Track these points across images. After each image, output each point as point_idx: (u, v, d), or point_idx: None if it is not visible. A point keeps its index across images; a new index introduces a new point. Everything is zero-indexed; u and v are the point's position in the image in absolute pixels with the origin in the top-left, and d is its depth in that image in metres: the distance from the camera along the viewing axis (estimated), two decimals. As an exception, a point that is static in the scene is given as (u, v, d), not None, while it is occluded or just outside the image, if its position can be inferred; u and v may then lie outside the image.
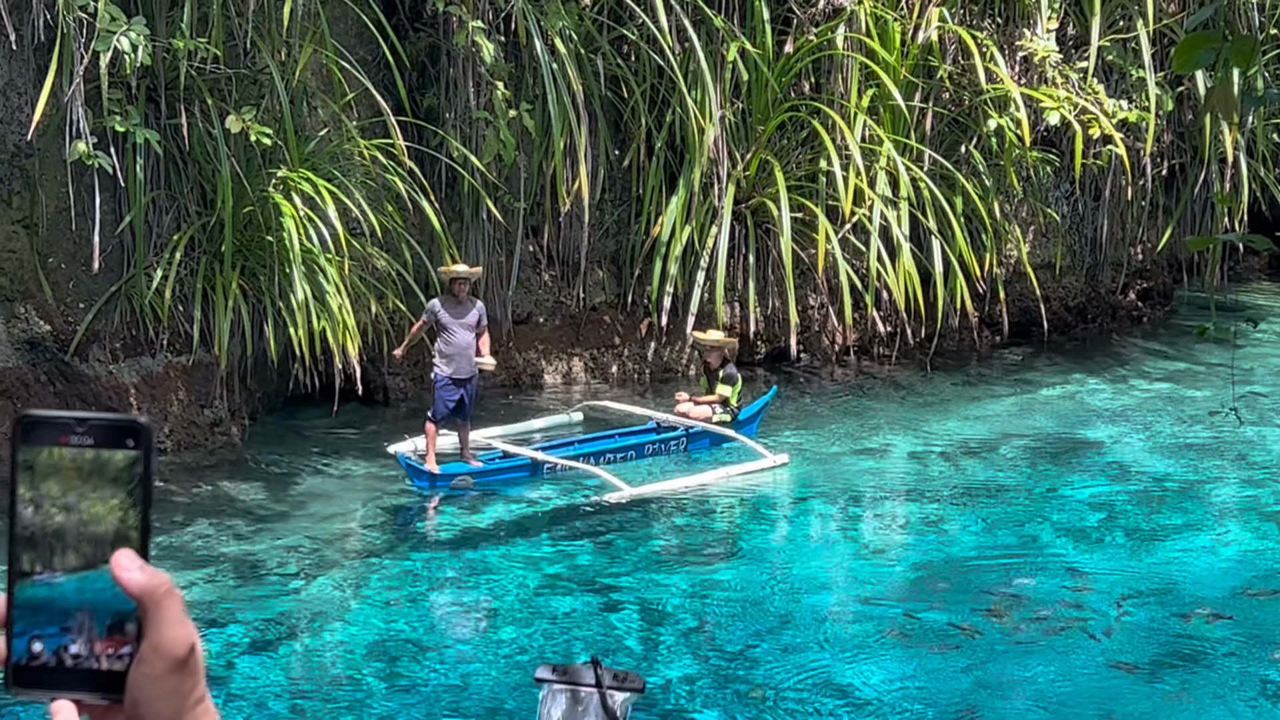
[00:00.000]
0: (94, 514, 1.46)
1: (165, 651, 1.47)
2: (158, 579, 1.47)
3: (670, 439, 19.28)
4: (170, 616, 1.48)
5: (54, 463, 1.46)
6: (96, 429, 1.47)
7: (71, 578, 1.46)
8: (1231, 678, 12.91)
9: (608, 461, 18.49)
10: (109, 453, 1.47)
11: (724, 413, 19.43)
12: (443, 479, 17.46)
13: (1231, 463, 19.34)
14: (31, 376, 17.76)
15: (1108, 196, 25.87)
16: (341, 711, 12.08)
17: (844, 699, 12.31)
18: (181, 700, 1.49)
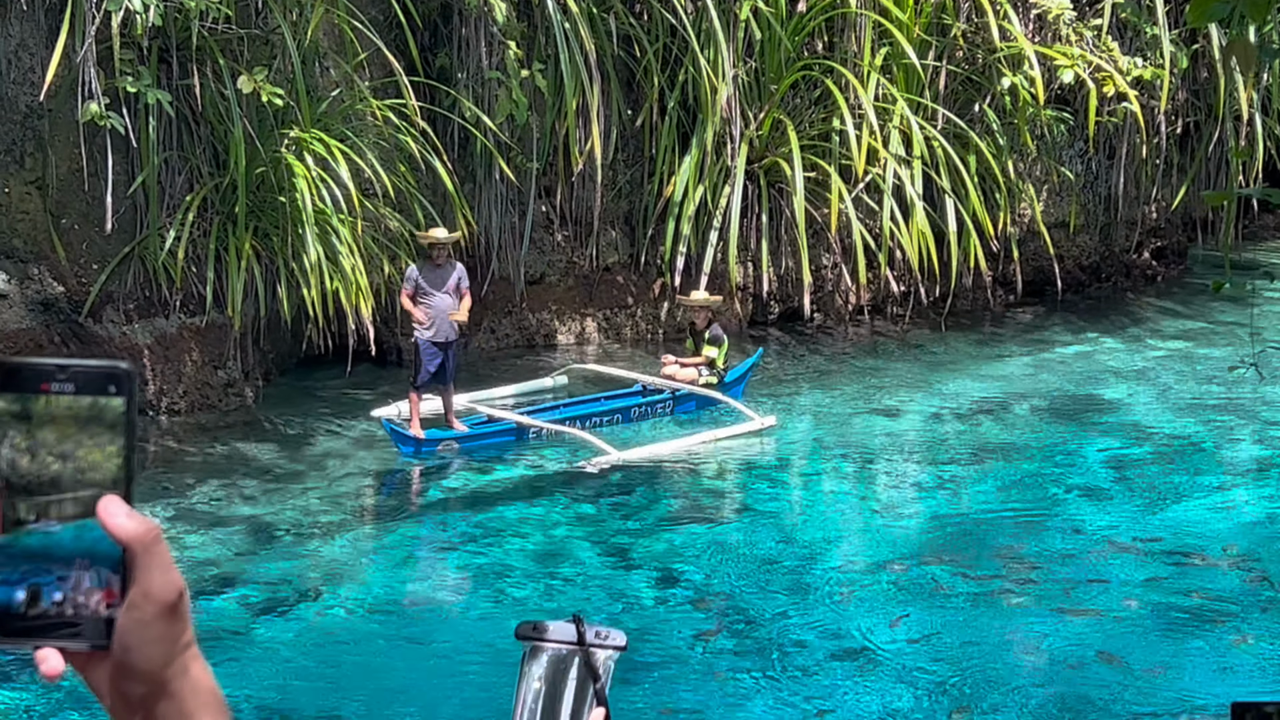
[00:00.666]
0: (78, 462, 1.45)
1: (155, 597, 1.46)
2: (146, 525, 1.46)
3: (656, 402, 19.05)
4: (159, 562, 1.47)
5: (32, 410, 1.44)
6: (77, 375, 1.45)
7: (52, 526, 1.45)
8: (1248, 634, 12.90)
9: (593, 425, 18.25)
10: (90, 399, 1.45)
11: (710, 374, 19.19)
12: (428, 444, 17.27)
13: (1246, 420, 19.32)
14: (45, 337, 17.78)
15: (1122, 155, 25.79)
16: (355, 670, 12.10)
17: (857, 657, 12.32)
18: (171, 645, 1.48)
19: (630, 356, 21.57)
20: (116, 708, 1.51)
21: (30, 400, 1.44)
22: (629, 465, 17.29)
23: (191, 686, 1.50)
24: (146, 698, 1.49)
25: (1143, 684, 11.90)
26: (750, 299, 23.33)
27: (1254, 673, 12.17)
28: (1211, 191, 24.20)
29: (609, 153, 22.16)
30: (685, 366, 19.27)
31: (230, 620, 12.90)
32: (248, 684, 11.66)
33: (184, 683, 1.50)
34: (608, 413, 18.72)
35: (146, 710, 1.50)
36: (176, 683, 1.49)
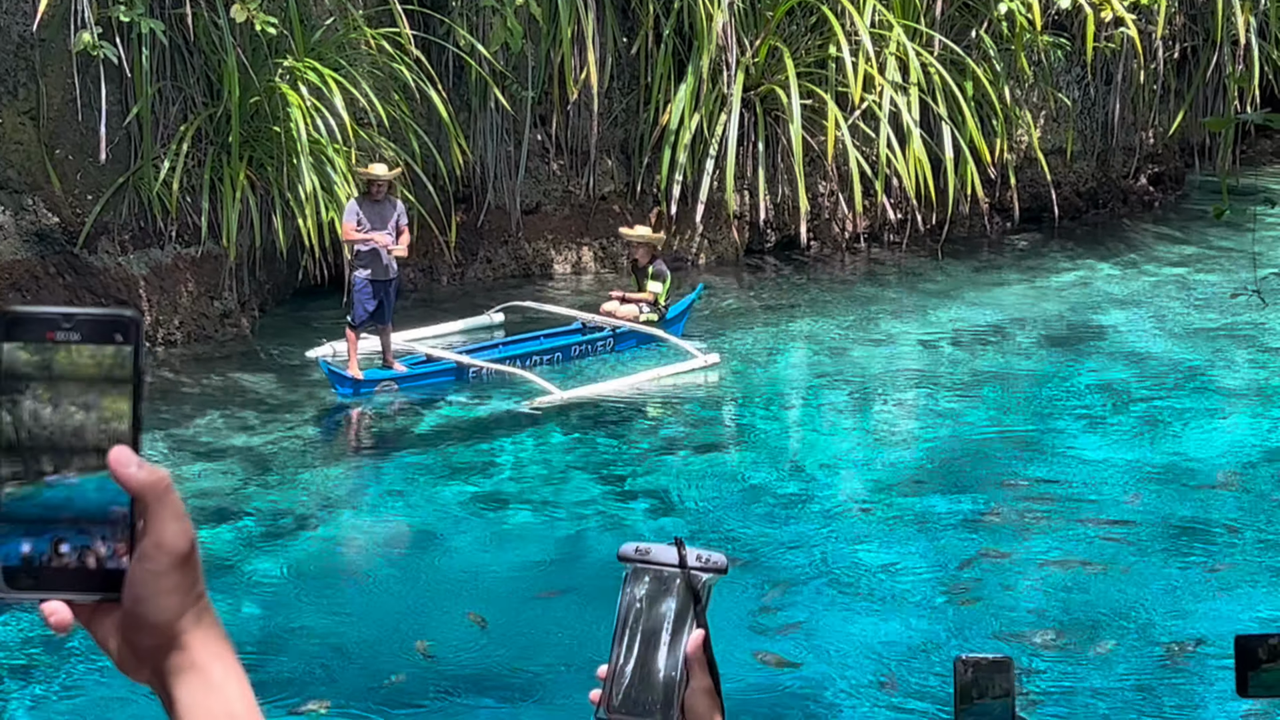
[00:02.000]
0: (76, 421, 1.43)
1: (168, 547, 1.45)
2: (157, 475, 1.44)
3: (597, 339, 18.64)
4: (171, 512, 1.45)
5: (43, 360, 1.42)
6: (83, 324, 1.43)
7: (60, 477, 1.43)
8: (1245, 560, 12.94)
9: (533, 364, 17.91)
10: (97, 348, 1.43)
11: (651, 311, 18.83)
12: (366, 384, 16.93)
13: (1244, 346, 19.31)
14: (41, 269, 17.75)
15: (1119, 80, 25.71)
16: (353, 600, 12.14)
17: (854, 585, 12.35)
18: (183, 595, 1.47)
19: (627, 285, 21.51)
20: (125, 660, 1.50)
21: (36, 349, 1.42)
22: (621, 397, 17.29)
23: (203, 637, 1.49)
24: (157, 649, 1.48)
25: (1140, 608, 11.93)
26: (747, 227, 23.28)
27: (1251, 596, 12.21)
28: (1211, 118, 24.12)
29: (604, 81, 22.07)
30: (626, 303, 18.94)
31: (229, 550, 12.92)
32: (247, 614, 11.69)
33: (195, 634, 1.49)
34: (547, 351, 18.33)
35: (156, 662, 1.49)
36: (188, 634, 1.48)
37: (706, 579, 2.30)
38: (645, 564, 2.30)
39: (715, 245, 23.02)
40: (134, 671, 1.50)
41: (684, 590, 2.28)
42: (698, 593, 2.28)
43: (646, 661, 2.23)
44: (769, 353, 19.34)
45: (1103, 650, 11.26)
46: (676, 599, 2.26)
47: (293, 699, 10.30)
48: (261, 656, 10.85)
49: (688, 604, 2.27)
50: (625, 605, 2.28)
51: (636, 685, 2.23)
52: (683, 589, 2.28)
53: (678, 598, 2.27)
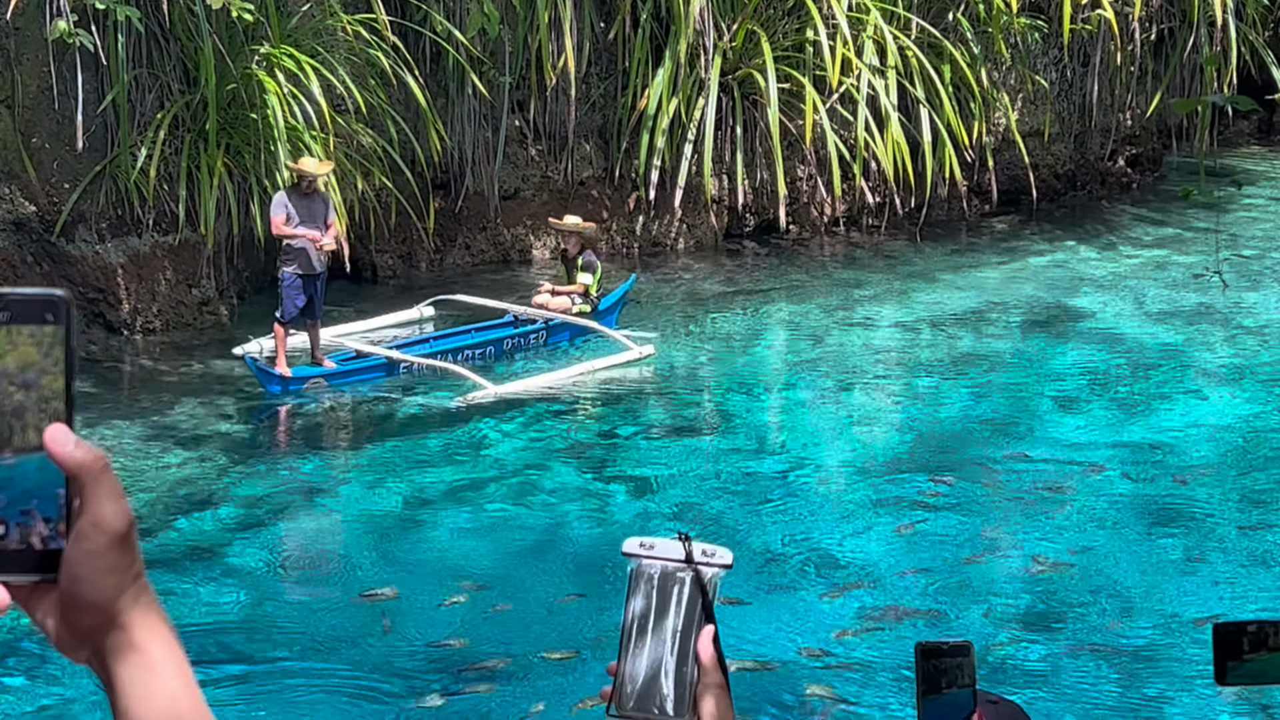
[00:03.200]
0: (15, 401, 1.42)
1: (105, 526, 1.44)
2: (94, 454, 1.43)
3: (529, 333, 18.35)
4: (109, 491, 1.44)
5: None
6: (14, 303, 1.42)
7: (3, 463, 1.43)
8: (1222, 539, 12.99)
9: (465, 359, 17.58)
10: (29, 328, 1.43)
11: (583, 303, 18.50)
12: (294, 382, 16.60)
13: (1221, 327, 19.36)
14: (18, 257, 17.71)
15: (1096, 62, 25.74)
16: (332, 586, 12.13)
17: (837, 566, 12.38)
18: (122, 576, 1.46)
19: (606, 272, 21.50)
20: (63, 640, 1.49)
21: None
22: (607, 380, 17.29)
23: (141, 617, 1.49)
24: (95, 629, 1.48)
25: (1117, 589, 11.97)
26: (725, 212, 23.28)
27: (1228, 576, 12.25)
28: (1182, 99, 24.12)
29: (582, 66, 22.06)
30: (558, 295, 18.61)
31: (208, 538, 12.92)
32: (226, 601, 11.69)
33: (134, 613, 1.48)
34: (479, 345, 17.98)
35: (95, 642, 1.49)
36: (127, 614, 1.48)
37: (712, 574, 2.30)
38: (651, 559, 2.30)
39: (694, 230, 23.02)
40: (73, 652, 1.49)
41: (692, 586, 2.28)
42: (705, 587, 2.28)
43: (658, 659, 2.23)
44: (747, 337, 19.36)
45: (1081, 632, 11.29)
46: (685, 595, 2.26)
47: (273, 683, 10.31)
48: (245, 641, 10.86)
49: (696, 600, 2.27)
50: (633, 602, 2.28)
51: (648, 683, 2.23)
52: (691, 585, 2.28)
53: (686, 594, 2.26)
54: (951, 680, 2.87)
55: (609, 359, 17.69)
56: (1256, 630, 2.56)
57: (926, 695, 2.86)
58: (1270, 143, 30.55)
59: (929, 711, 2.88)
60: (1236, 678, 2.56)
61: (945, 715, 2.87)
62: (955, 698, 2.87)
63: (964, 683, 2.88)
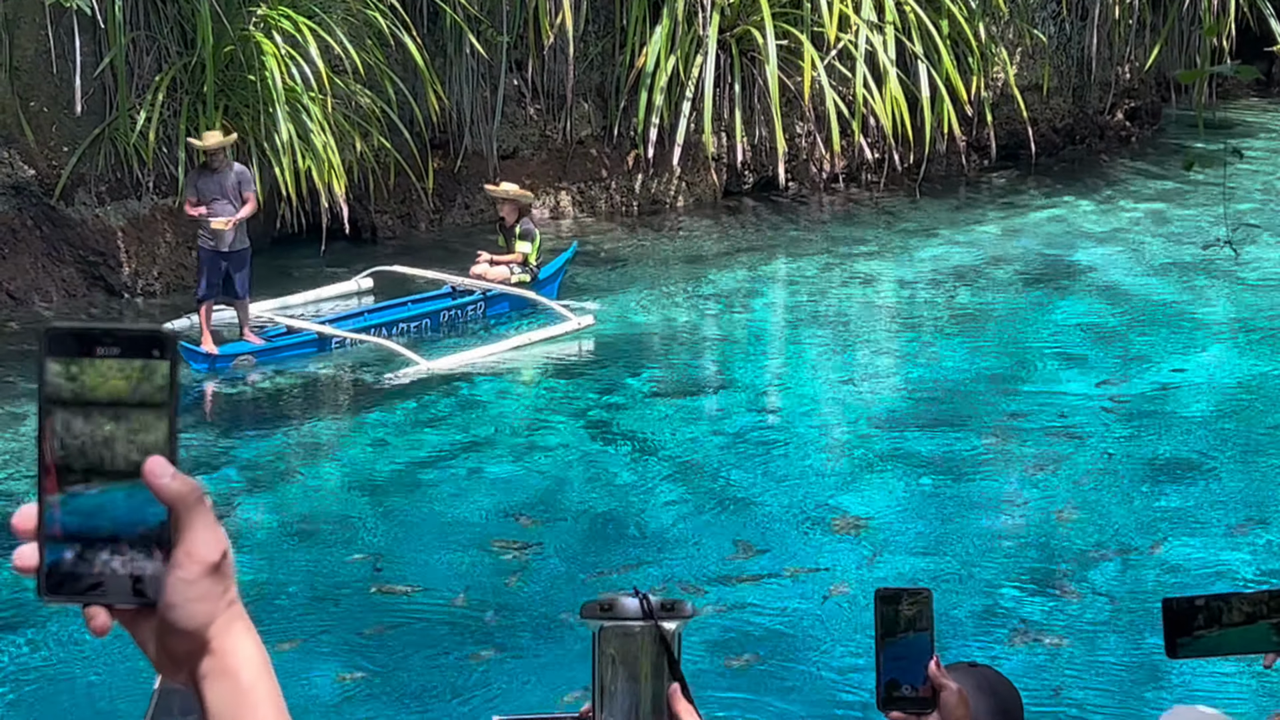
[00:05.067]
0: (127, 423, 1.48)
1: (199, 556, 1.50)
2: (190, 485, 1.50)
3: (467, 304, 17.87)
4: (203, 521, 1.51)
5: (84, 374, 1.48)
6: (123, 339, 1.48)
7: (100, 485, 1.48)
8: (1223, 493, 13.03)
9: (400, 333, 17.24)
10: (136, 362, 1.48)
11: (523, 272, 17.98)
12: (222, 359, 16.19)
13: (1220, 280, 19.37)
14: (18, 221, 17.74)
15: (1095, 15, 25.68)
16: (337, 548, 12.18)
17: (833, 525, 12.42)
18: (215, 603, 1.52)
19: (605, 230, 21.55)
20: (162, 663, 1.55)
21: (79, 363, 1.48)
22: (607, 340, 17.31)
23: (234, 643, 1.55)
24: (190, 654, 1.54)
25: (1119, 543, 12.03)
26: (724, 169, 23.27)
27: (1229, 529, 12.30)
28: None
29: (580, 24, 22.01)
30: (496, 265, 18.08)
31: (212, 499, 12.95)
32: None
33: (226, 639, 1.54)
34: (414, 318, 17.59)
35: (190, 666, 1.55)
36: (219, 640, 1.53)
37: (674, 627, 2.31)
38: (612, 620, 2.31)
39: (693, 187, 23.01)
40: (171, 673, 1.56)
41: (655, 643, 2.28)
42: (669, 644, 2.28)
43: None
44: (747, 294, 19.38)
45: (1084, 585, 11.35)
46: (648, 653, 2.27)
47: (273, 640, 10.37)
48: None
49: (661, 657, 2.28)
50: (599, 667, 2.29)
51: None
52: (652, 642, 2.29)
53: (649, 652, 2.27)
54: (909, 625, 2.94)
55: (545, 330, 17.27)
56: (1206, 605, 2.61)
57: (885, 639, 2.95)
58: (1269, 95, 30.47)
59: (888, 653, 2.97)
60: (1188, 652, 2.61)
61: (903, 658, 2.96)
62: (913, 641, 2.95)
63: (921, 626, 2.95)
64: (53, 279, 18.03)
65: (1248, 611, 2.63)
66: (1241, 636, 2.64)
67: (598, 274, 19.77)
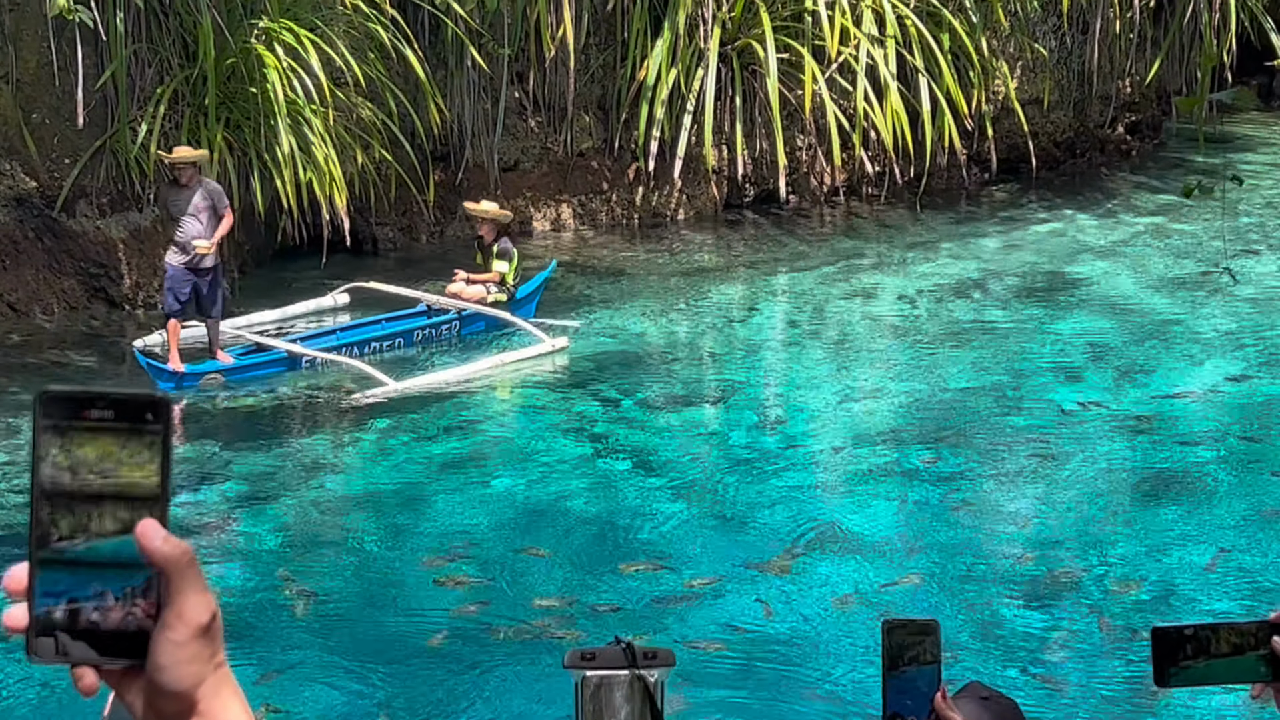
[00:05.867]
0: (118, 482, 1.49)
1: (189, 618, 1.51)
2: (181, 548, 1.50)
3: (441, 323, 17.67)
4: (193, 584, 1.51)
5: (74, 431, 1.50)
6: (117, 403, 1.50)
7: (90, 545, 1.50)
8: (1219, 508, 13.04)
9: (373, 351, 17.04)
10: (129, 424, 1.50)
11: (499, 292, 17.84)
12: (189, 378, 15.95)
13: (1219, 294, 19.38)
14: (20, 233, 17.76)
15: (1096, 29, 25.72)
16: (336, 562, 12.18)
17: (835, 539, 12.43)
18: (203, 665, 1.53)
19: (606, 243, 21.57)
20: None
21: (72, 423, 1.49)
22: (608, 353, 17.33)
23: (222, 705, 1.55)
24: (178, 715, 1.54)
25: (1117, 557, 12.03)
26: (725, 182, 23.30)
27: (1227, 544, 12.31)
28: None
29: (581, 37, 22.05)
30: (473, 283, 17.95)
31: (211, 513, 12.98)
32: (231, 577, 11.75)
33: (215, 702, 1.55)
34: (388, 337, 17.41)
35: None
36: (207, 702, 1.54)
37: (657, 675, 2.31)
38: (595, 670, 2.32)
39: (694, 200, 23.04)
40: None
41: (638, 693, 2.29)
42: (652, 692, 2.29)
43: None
44: (747, 307, 19.40)
45: (1082, 601, 11.35)
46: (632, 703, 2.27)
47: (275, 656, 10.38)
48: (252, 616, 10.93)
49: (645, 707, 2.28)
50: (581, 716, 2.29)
51: None
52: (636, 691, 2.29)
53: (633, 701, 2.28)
54: (915, 656, 2.93)
55: (519, 352, 17.10)
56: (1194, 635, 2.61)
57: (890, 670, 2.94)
58: (1270, 109, 30.52)
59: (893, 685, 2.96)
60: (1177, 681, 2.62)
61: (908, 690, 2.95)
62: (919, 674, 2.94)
63: (927, 659, 2.94)
64: (54, 291, 18.05)
65: (1235, 643, 2.64)
66: (1229, 667, 2.65)
67: (598, 286, 19.79)
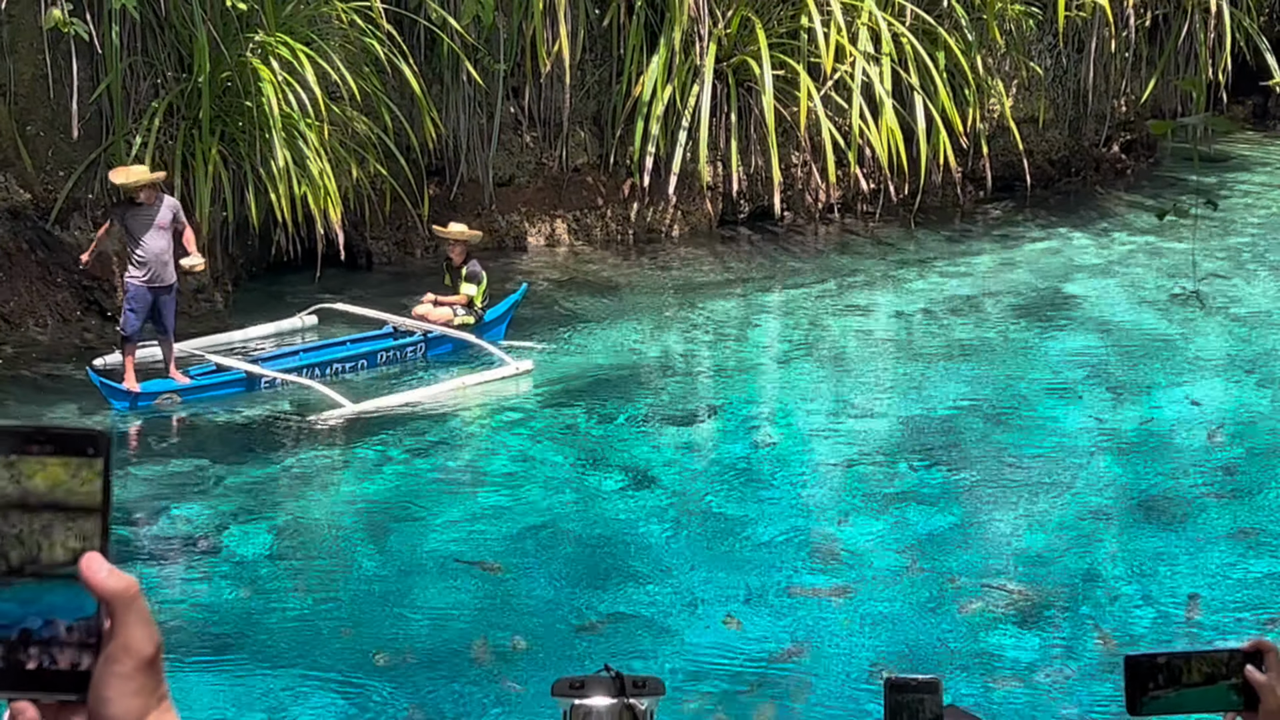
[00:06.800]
0: (44, 520, 1.49)
1: (135, 651, 1.51)
2: (126, 581, 1.51)
3: (407, 345, 17.58)
4: (138, 617, 1.51)
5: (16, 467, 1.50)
6: (57, 438, 1.50)
7: (31, 580, 1.49)
8: (1209, 528, 13.05)
9: (335, 373, 16.87)
10: (70, 459, 1.50)
11: (467, 314, 17.78)
12: (144, 398, 15.74)
13: (1213, 315, 19.40)
14: (13, 245, 17.75)
15: (1091, 48, 25.75)
16: (329, 577, 12.19)
17: (828, 556, 12.43)
18: (147, 697, 1.52)
19: (600, 259, 21.57)
20: None
21: (13, 459, 1.49)
22: (601, 369, 17.33)
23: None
24: None
25: (1108, 579, 12.04)
26: (720, 198, 23.31)
27: (1217, 565, 12.32)
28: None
29: (577, 53, 22.06)
30: (441, 305, 17.87)
31: (203, 526, 12.97)
32: (221, 590, 11.75)
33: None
34: (351, 358, 17.21)
35: None
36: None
37: (646, 705, 2.30)
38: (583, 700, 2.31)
39: (689, 216, 23.05)
40: None
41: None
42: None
43: None
44: (741, 323, 19.41)
45: (1073, 622, 11.36)
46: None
47: (267, 671, 10.37)
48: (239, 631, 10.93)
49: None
50: None
51: None
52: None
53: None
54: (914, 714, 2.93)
55: (481, 375, 16.93)
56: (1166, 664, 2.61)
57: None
58: (1265, 128, 30.56)
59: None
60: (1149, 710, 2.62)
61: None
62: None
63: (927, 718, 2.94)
64: (47, 303, 18.03)
65: (1207, 671, 2.65)
66: (1200, 697, 2.66)
67: (592, 302, 19.80)
